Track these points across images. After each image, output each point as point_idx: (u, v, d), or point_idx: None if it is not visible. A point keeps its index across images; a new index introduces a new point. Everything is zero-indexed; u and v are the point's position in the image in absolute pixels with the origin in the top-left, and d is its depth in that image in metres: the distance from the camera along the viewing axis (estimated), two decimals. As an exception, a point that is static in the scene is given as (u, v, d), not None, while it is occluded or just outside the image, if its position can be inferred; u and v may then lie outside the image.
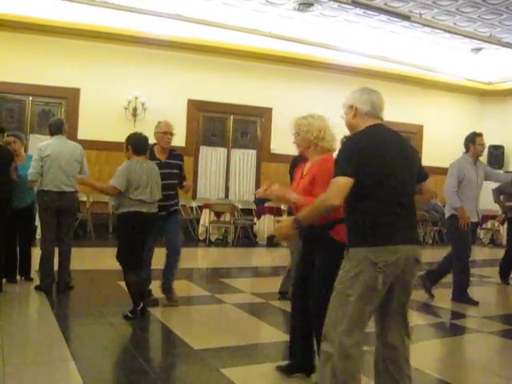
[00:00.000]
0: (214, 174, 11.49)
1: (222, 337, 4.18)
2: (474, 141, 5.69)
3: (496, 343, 4.50)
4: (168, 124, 4.95)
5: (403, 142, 2.63)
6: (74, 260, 5.48)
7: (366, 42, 10.78)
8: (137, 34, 10.16)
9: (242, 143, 11.79)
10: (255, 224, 10.73)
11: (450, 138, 11.53)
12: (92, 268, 6.80)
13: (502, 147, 13.13)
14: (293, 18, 9.50)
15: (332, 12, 9.16)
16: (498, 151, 13.12)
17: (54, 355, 3.55)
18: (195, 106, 11.09)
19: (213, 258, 9.45)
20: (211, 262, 8.92)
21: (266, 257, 9.90)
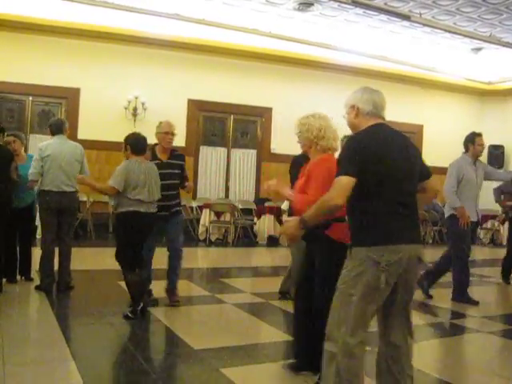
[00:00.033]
0: (214, 173, 11.49)
1: (222, 337, 4.18)
2: (473, 141, 5.70)
3: (496, 343, 4.50)
4: (169, 124, 4.94)
5: (405, 141, 2.62)
6: (74, 260, 5.48)
7: (365, 41, 10.77)
8: (137, 34, 10.16)
9: (242, 143, 11.79)
10: (255, 224, 10.73)
11: (449, 138, 11.52)
12: (92, 268, 6.80)
13: (502, 147, 13.13)
14: (293, 17, 9.50)
15: (332, 12, 9.16)
16: (498, 151, 13.12)
17: (54, 355, 3.55)
18: (195, 106, 11.09)
19: (213, 257, 9.45)
20: (211, 262, 8.92)
21: (266, 257, 9.90)
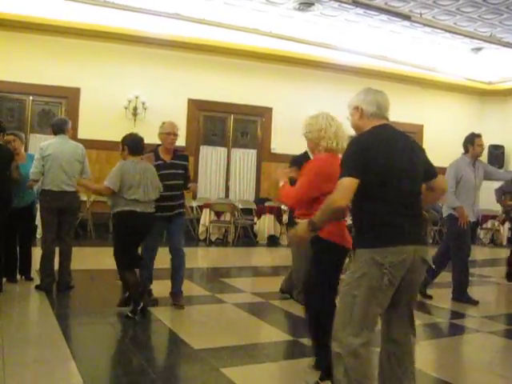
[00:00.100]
0: (214, 173, 11.49)
1: (222, 336, 4.18)
2: (472, 142, 5.70)
3: (496, 343, 4.50)
4: (172, 125, 4.94)
5: (409, 142, 2.62)
6: (74, 259, 5.48)
7: (366, 41, 10.77)
8: (137, 34, 10.16)
9: (243, 143, 11.79)
10: (255, 224, 10.73)
11: (450, 138, 11.50)
12: (92, 267, 6.80)
13: (502, 147, 13.13)
14: (293, 17, 9.50)
15: (332, 11, 9.16)
16: (498, 151, 13.12)
17: (54, 355, 3.55)
18: (195, 106, 11.09)
19: (213, 257, 9.45)
20: (211, 262, 8.92)
21: (266, 256, 9.90)
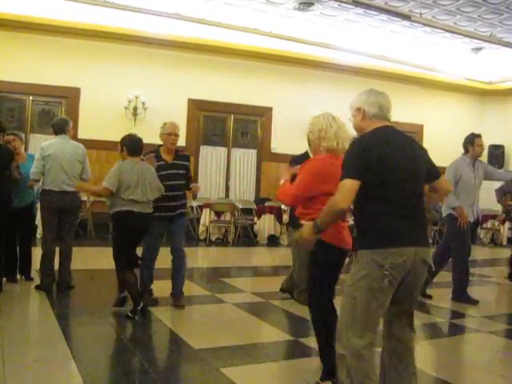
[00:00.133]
0: (215, 173, 11.48)
1: (222, 336, 4.19)
2: (472, 142, 5.70)
3: (496, 343, 4.49)
4: (173, 125, 4.93)
5: (410, 142, 2.62)
6: (74, 259, 5.48)
7: (366, 41, 10.77)
8: (137, 34, 10.16)
9: (243, 143, 11.78)
10: (255, 223, 10.73)
11: (450, 138, 11.49)
12: (92, 267, 6.80)
13: (503, 147, 13.12)
14: (293, 17, 9.50)
15: (332, 11, 9.16)
16: (498, 151, 13.11)
17: (54, 355, 3.55)
18: (195, 106, 11.09)
19: (213, 257, 9.45)
20: (211, 262, 8.92)
21: (267, 256, 9.90)
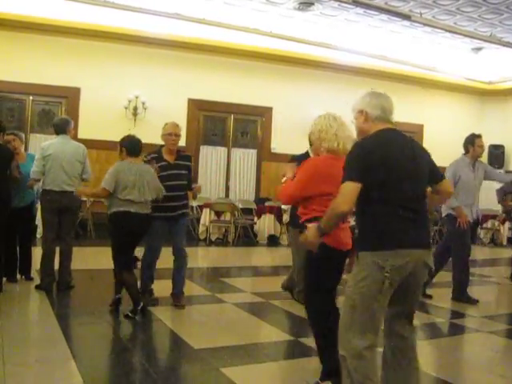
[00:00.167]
0: (215, 173, 11.49)
1: (222, 336, 4.19)
2: (473, 142, 5.70)
3: (496, 343, 4.50)
4: (174, 125, 4.93)
5: (412, 144, 2.62)
6: (74, 259, 5.48)
7: (366, 41, 10.77)
8: (137, 34, 10.16)
9: (243, 142, 11.78)
10: (255, 223, 10.73)
11: (450, 138, 11.50)
12: (92, 267, 6.80)
13: (503, 147, 13.12)
14: (293, 17, 9.50)
15: (332, 11, 9.15)
16: (498, 151, 13.11)
17: (54, 354, 3.55)
18: (195, 106, 11.09)
19: (213, 257, 9.45)
20: (211, 262, 8.92)
21: (267, 256, 9.90)
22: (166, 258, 4.96)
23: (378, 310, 2.45)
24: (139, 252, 4.79)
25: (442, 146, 11.96)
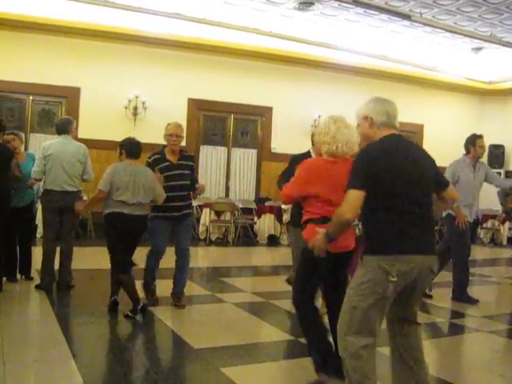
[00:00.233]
0: (215, 173, 11.48)
1: (222, 336, 4.19)
2: (474, 143, 5.69)
3: (496, 342, 4.49)
4: (176, 126, 4.94)
5: (417, 151, 2.63)
6: (74, 259, 5.49)
7: (366, 41, 10.76)
8: (138, 33, 10.16)
9: (243, 142, 11.78)
10: (255, 223, 10.73)
11: (450, 138, 11.51)
12: (92, 267, 6.79)
13: (503, 147, 13.11)
14: (293, 17, 9.49)
15: (332, 11, 9.15)
16: (498, 151, 13.11)
17: (54, 354, 3.55)
18: (195, 105, 11.09)
19: (213, 257, 9.45)
20: (211, 262, 8.92)
21: (267, 256, 9.90)
22: (166, 258, 4.96)
23: (377, 313, 2.46)
24: (142, 252, 4.79)
25: (442, 146, 11.96)
